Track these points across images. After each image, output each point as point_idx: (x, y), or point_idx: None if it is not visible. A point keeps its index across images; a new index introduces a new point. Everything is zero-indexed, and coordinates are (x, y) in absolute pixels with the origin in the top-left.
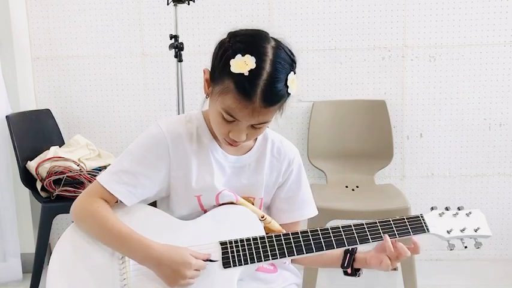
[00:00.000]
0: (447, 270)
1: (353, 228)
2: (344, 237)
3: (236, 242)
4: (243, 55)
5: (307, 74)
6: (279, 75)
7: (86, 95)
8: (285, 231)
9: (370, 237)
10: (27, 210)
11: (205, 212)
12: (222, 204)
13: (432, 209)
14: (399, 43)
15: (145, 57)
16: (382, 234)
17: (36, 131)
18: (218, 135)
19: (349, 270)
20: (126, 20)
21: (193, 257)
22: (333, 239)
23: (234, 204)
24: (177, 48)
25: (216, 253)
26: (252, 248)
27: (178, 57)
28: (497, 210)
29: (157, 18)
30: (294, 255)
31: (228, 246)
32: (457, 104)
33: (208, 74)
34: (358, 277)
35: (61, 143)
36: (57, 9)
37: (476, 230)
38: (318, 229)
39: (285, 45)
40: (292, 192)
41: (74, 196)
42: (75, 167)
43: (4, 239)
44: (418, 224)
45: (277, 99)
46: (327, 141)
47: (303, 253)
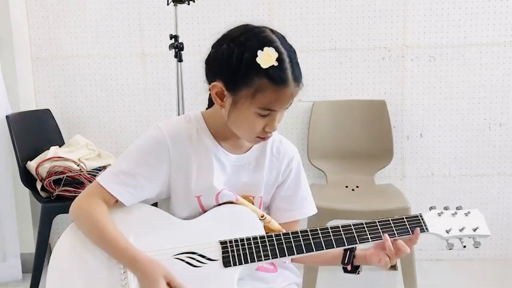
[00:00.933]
0: (447, 270)
1: (352, 227)
2: (344, 236)
3: (236, 241)
4: (262, 49)
5: (307, 74)
6: (293, 52)
7: (86, 95)
8: (284, 231)
9: (369, 236)
10: (27, 210)
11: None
12: (222, 203)
13: (431, 208)
14: (399, 43)
15: (145, 57)
16: (382, 234)
17: (36, 131)
18: (250, 137)
19: (348, 267)
20: (126, 20)
21: (166, 285)
22: (332, 238)
23: (234, 203)
24: (177, 48)
25: (216, 252)
26: (252, 247)
27: (178, 57)
28: (497, 210)
29: (157, 18)
30: (294, 255)
31: (228, 245)
32: (457, 104)
33: (220, 86)
34: (358, 274)
35: (61, 143)
36: (57, 9)
37: (475, 230)
38: (318, 228)
39: (271, 28)
40: (291, 191)
41: (74, 196)
42: (75, 167)
43: (4, 239)
44: (417, 224)
45: (301, 73)
46: (327, 141)
47: (303, 252)
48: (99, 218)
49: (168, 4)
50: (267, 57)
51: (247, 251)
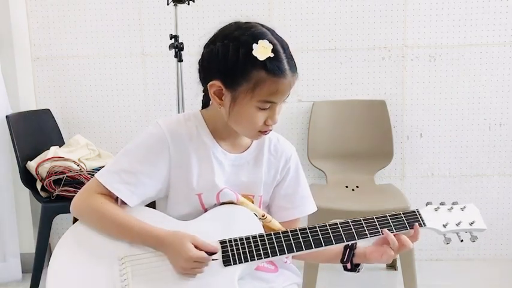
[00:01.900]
0: (447, 270)
1: (351, 224)
2: (342, 233)
3: (236, 240)
4: (257, 43)
5: (307, 74)
6: (284, 42)
7: (86, 95)
8: (284, 229)
9: (367, 232)
10: (27, 210)
11: (206, 211)
12: (223, 203)
13: (427, 204)
14: (399, 43)
15: (145, 57)
16: (380, 230)
17: (36, 131)
18: (251, 132)
19: (348, 266)
20: (126, 20)
21: (194, 248)
22: (331, 235)
23: (234, 204)
24: (177, 48)
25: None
26: (251, 246)
27: (178, 57)
28: (497, 210)
29: (157, 18)
30: (294, 252)
31: (227, 244)
32: (457, 104)
33: (218, 85)
34: (358, 272)
35: (61, 143)
36: (57, 9)
37: (471, 224)
38: (316, 226)
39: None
40: (291, 189)
41: (74, 196)
42: (75, 167)
43: (4, 239)
44: (414, 219)
45: (295, 62)
46: (327, 141)
47: (302, 250)
48: (107, 207)
49: (168, 4)
50: (262, 50)
51: (246, 250)
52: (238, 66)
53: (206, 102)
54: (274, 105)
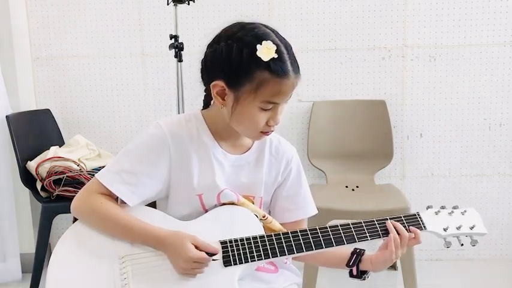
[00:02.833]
0: (447, 270)
1: (351, 226)
2: (343, 235)
3: (236, 240)
4: (261, 43)
5: (307, 74)
6: (287, 43)
7: (86, 95)
8: (285, 231)
9: (368, 234)
10: (27, 210)
11: (206, 212)
12: (223, 204)
13: (428, 207)
14: (399, 43)
15: (145, 57)
16: (381, 233)
17: (36, 131)
18: (253, 133)
19: (354, 271)
20: (126, 20)
21: (194, 248)
22: (331, 237)
23: (235, 204)
24: (177, 48)
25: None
26: (252, 247)
27: (178, 57)
28: (497, 210)
29: (157, 18)
30: (294, 253)
31: (228, 245)
32: (457, 104)
33: (221, 85)
34: (363, 280)
35: (61, 143)
36: (57, 9)
37: (471, 228)
38: (317, 228)
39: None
40: (293, 190)
41: (74, 196)
42: (75, 167)
43: (4, 239)
44: (415, 222)
45: (298, 63)
46: (327, 141)
47: (303, 251)
48: (107, 207)
49: (168, 4)
50: (266, 50)
51: (247, 250)
52: (242, 66)
53: (207, 103)
54: (277, 106)
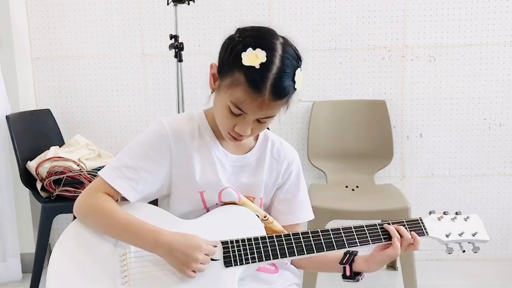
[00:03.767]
0: (447, 270)
1: (353, 229)
2: (344, 238)
3: (237, 241)
4: (254, 49)
5: (307, 74)
6: (288, 70)
7: (86, 95)
8: (286, 232)
9: (370, 238)
10: (27, 210)
11: (208, 210)
12: (224, 203)
13: (430, 213)
14: (399, 43)
15: (145, 57)
16: (382, 237)
17: (36, 131)
18: (222, 130)
19: (347, 271)
20: (126, 20)
21: (203, 242)
22: (333, 239)
23: (236, 204)
24: (177, 48)
25: (217, 252)
26: (253, 248)
27: (178, 57)
28: (497, 210)
29: (157, 18)
30: (295, 255)
31: (229, 245)
32: (457, 104)
33: (215, 68)
34: (357, 281)
35: (61, 143)
36: (57, 9)
37: (474, 235)
38: (319, 230)
39: (291, 43)
40: (290, 193)
41: (74, 196)
42: (75, 167)
43: (4, 239)
44: (417, 227)
45: (285, 93)
46: (327, 141)
47: (304, 253)
48: (111, 209)
49: (168, 4)
50: (252, 57)
51: (248, 251)
52: (229, 59)
53: None
54: (246, 117)
